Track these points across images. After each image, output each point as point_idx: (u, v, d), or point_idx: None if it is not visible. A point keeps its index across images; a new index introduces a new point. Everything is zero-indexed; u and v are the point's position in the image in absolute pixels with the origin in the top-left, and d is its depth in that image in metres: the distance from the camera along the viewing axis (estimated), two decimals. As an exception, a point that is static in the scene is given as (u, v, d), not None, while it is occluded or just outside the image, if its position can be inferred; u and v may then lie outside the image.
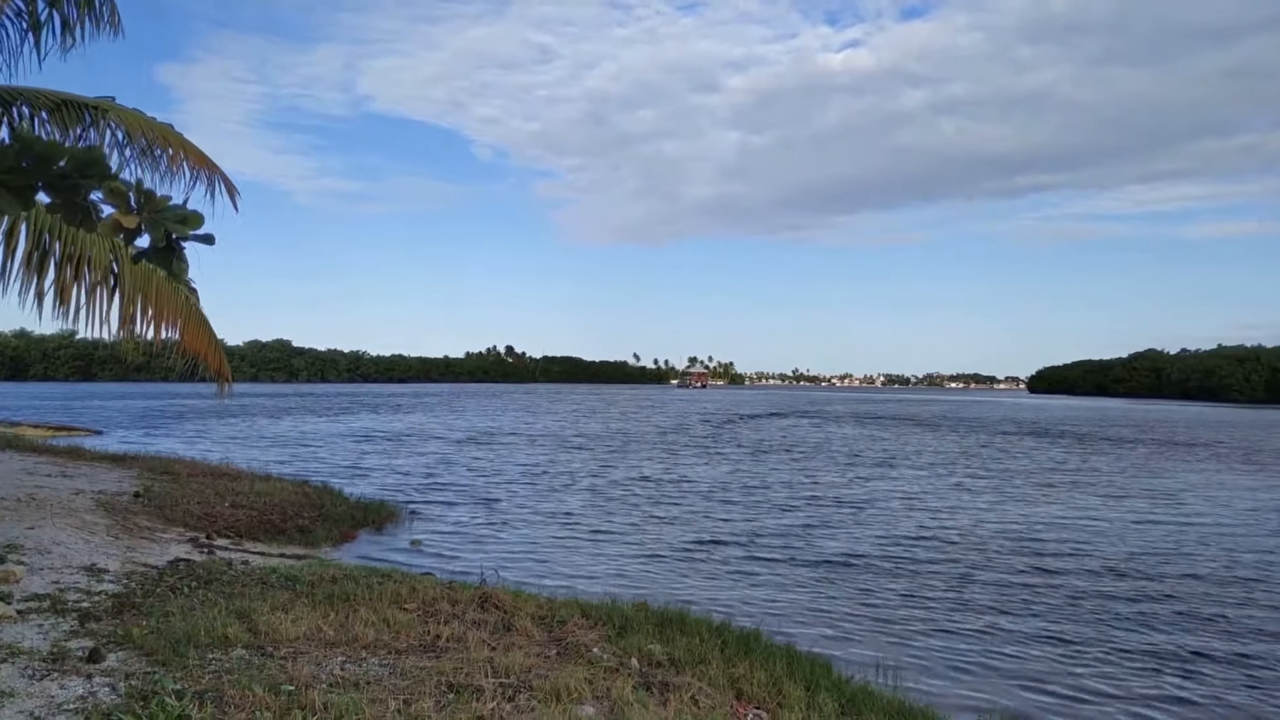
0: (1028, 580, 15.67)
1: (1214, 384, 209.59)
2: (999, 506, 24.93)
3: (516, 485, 27.63)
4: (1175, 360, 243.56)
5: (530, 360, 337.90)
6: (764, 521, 21.44)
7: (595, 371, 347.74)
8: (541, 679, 7.45)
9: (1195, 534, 20.71)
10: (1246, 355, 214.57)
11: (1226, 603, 14.32)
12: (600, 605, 10.86)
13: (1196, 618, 13.38)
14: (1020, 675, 10.67)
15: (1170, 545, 19.21)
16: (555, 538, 18.87)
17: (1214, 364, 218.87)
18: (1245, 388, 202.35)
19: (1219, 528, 21.70)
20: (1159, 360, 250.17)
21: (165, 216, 3.20)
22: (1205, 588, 15.33)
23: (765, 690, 8.22)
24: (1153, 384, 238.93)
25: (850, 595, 14.39)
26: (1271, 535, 20.78)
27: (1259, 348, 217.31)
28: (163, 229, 3.20)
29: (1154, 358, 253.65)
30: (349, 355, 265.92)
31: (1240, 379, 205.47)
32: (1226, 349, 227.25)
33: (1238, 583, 15.76)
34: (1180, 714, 9.57)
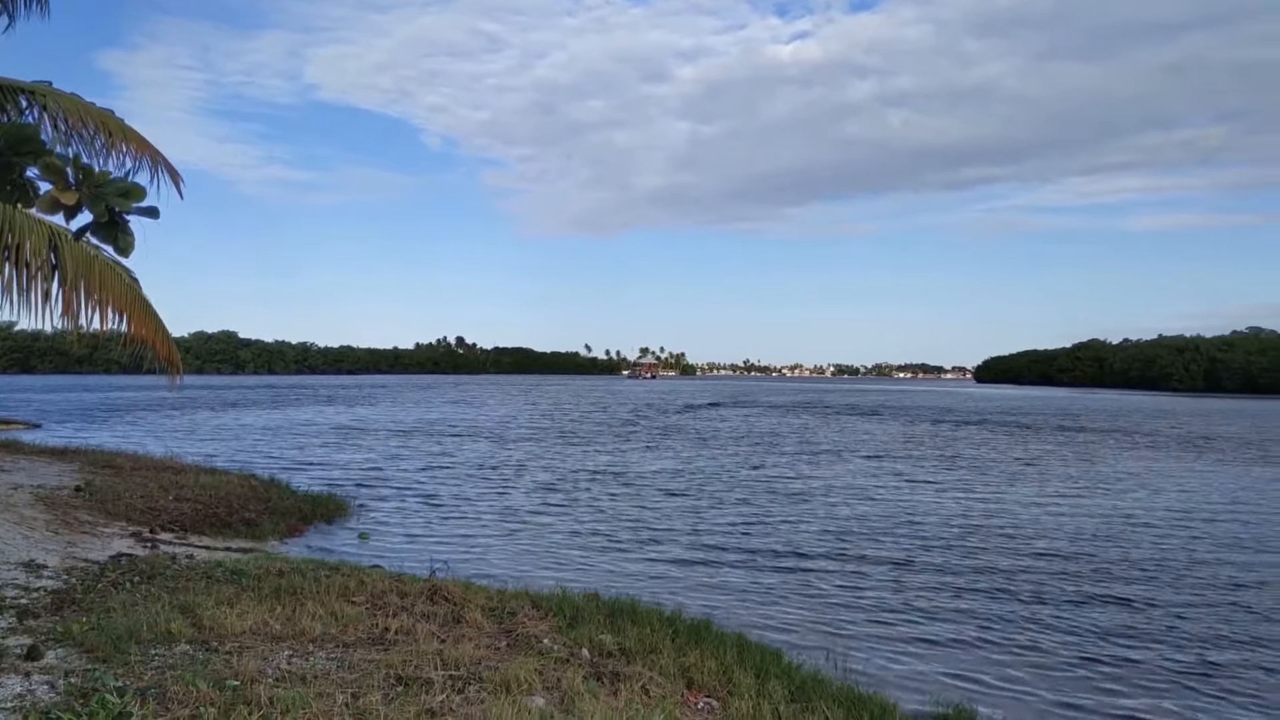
0: (973, 568, 15.87)
1: (1155, 373, 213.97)
2: (943, 495, 25.24)
3: (466, 478, 27.50)
4: (1117, 350, 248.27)
5: (481, 351, 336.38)
6: (711, 512, 21.52)
7: (547, 362, 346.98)
8: (491, 670, 7.42)
9: (1131, 520, 21.10)
10: (1186, 345, 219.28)
11: (1158, 586, 14.61)
12: (551, 596, 10.83)
13: (1130, 602, 13.63)
14: (967, 662, 10.81)
15: (1107, 531, 19.56)
16: (505, 530, 18.79)
17: (1155, 354, 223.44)
18: (1185, 377, 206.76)
19: (1153, 514, 22.14)
20: (1102, 350, 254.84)
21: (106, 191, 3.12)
22: (1139, 572, 15.63)
23: (716, 679, 8.25)
24: (1096, 373, 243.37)
25: (799, 584, 14.49)
26: (1203, 521, 21.23)
27: (1198, 338, 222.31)
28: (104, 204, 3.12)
29: (1097, 348, 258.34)
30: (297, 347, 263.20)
31: (1180, 368, 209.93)
32: (1167, 339, 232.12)
33: (1169, 567, 16.08)
34: (1117, 697, 9.74)
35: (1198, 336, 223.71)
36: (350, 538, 17.39)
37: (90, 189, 3.09)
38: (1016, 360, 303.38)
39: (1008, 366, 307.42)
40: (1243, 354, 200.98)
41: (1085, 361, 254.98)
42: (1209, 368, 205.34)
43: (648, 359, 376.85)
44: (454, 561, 14.34)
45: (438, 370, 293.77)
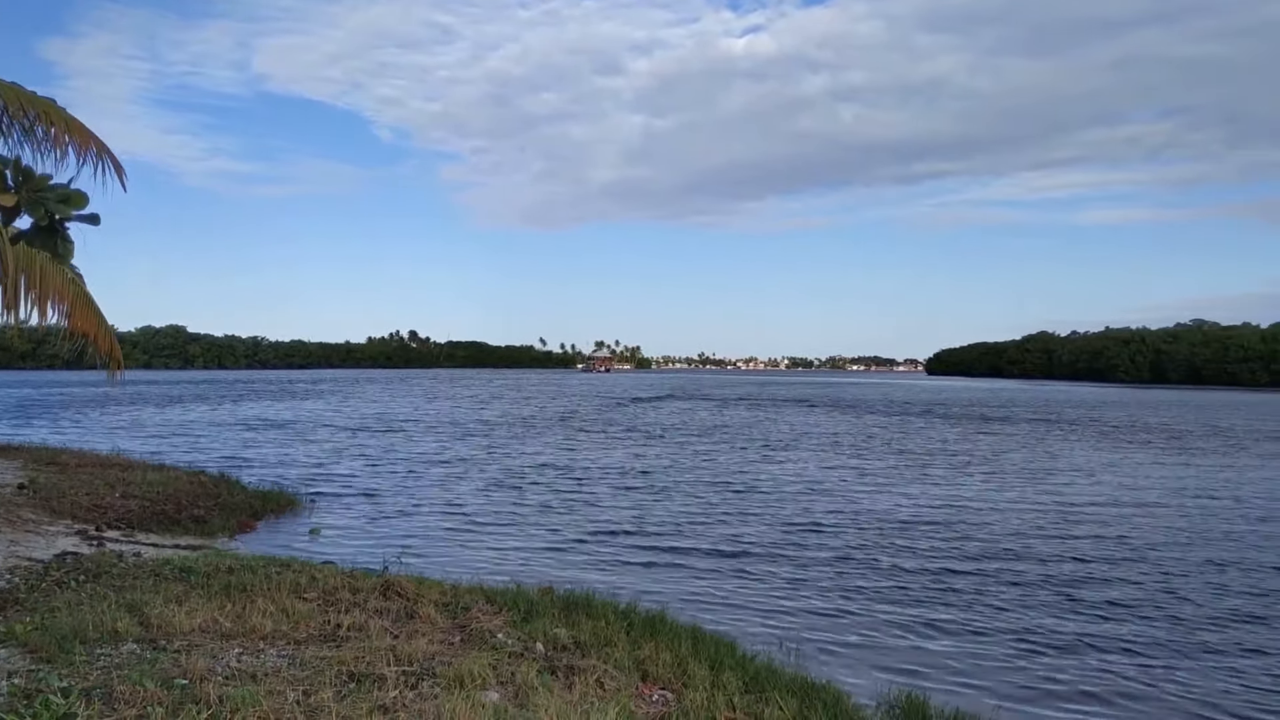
0: (924, 559, 16.05)
1: (1102, 365, 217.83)
2: (893, 487, 25.49)
3: (419, 473, 27.31)
4: (1066, 342, 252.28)
5: (435, 345, 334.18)
6: (662, 506, 21.55)
7: (501, 356, 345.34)
8: (445, 666, 7.38)
9: (1073, 511, 21.45)
10: (1132, 337, 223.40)
11: (1099, 576, 14.87)
12: (505, 591, 10.80)
13: (1073, 593, 13.86)
14: (919, 651, 10.92)
15: (1052, 522, 19.87)
16: (458, 525, 18.70)
17: (1102, 346, 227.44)
18: (1131, 368, 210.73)
19: (1095, 505, 22.54)
20: (1050, 342, 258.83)
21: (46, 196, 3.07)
22: (1081, 563, 15.90)
23: (671, 671, 8.27)
24: (1045, 365, 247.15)
25: (752, 576, 14.56)
26: (1144, 512, 21.64)
27: (1144, 330, 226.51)
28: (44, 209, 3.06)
29: (1046, 340, 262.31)
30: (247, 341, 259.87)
31: (1126, 360, 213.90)
32: (1114, 331, 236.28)
33: (1110, 557, 16.37)
34: (1063, 685, 9.90)
35: (1143, 329, 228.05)
36: (302, 534, 17.21)
37: (30, 193, 3.03)
38: (967, 353, 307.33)
39: (958, 359, 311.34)
40: (1187, 346, 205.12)
41: (1034, 354, 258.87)
42: (1154, 359, 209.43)
43: (603, 353, 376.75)
44: (407, 557, 14.24)
45: (390, 364, 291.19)
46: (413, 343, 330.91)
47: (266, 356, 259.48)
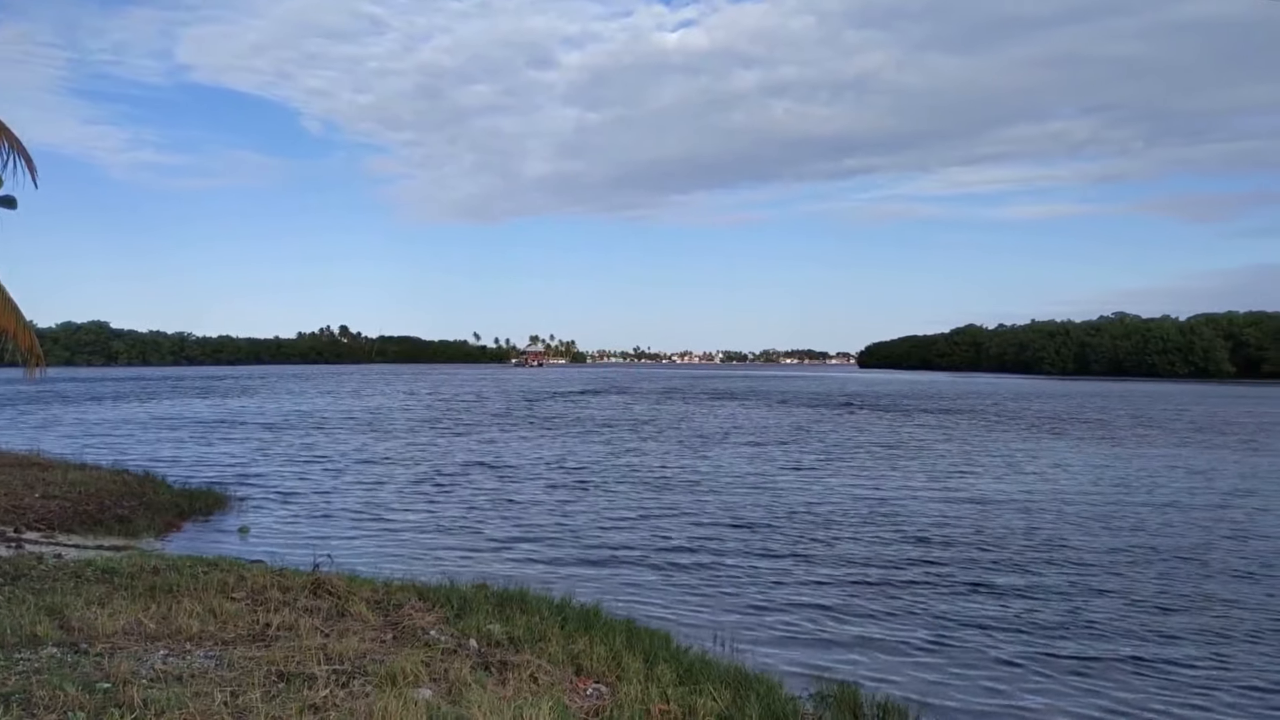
0: (854, 550, 16.27)
1: (1028, 357, 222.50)
2: (826, 480, 25.80)
3: (349, 470, 27.00)
4: (993, 335, 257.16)
5: (366, 340, 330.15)
6: (595, 501, 21.59)
7: (434, 351, 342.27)
8: (377, 663, 7.32)
9: (999, 502, 21.92)
10: (1057, 330, 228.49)
11: (1023, 564, 15.21)
12: (438, 588, 10.74)
13: (997, 579, 14.17)
14: (850, 641, 11.07)
15: (980, 513, 20.28)
16: (390, 523, 18.53)
17: (1028, 339, 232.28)
18: (1056, 361, 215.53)
19: (1019, 495, 23.04)
20: (978, 335, 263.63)
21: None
22: (1005, 549, 16.26)
23: (605, 664, 8.30)
24: (973, 358, 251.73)
25: (686, 569, 14.65)
26: (1064, 499, 22.17)
27: (1068, 323, 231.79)
28: (-51, 197, 2.96)
29: (973, 333, 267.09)
30: (173, 337, 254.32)
31: (1051, 352, 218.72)
32: (1039, 324, 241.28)
33: (1034, 546, 16.76)
34: (987, 667, 10.12)
35: (1068, 322, 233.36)
36: (230, 533, 16.93)
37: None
38: (898, 346, 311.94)
39: (889, 352, 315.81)
40: (1109, 338, 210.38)
41: (963, 346, 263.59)
42: (1078, 352, 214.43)
43: (537, 347, 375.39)
44: (338, 554, 14.08)
45: (321, 360, 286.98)
46: (344, 338, 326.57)
47: (193, 353, 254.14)
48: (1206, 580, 14.06)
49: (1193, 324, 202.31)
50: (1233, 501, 21.88)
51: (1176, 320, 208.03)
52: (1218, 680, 9.74)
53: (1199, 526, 18.51)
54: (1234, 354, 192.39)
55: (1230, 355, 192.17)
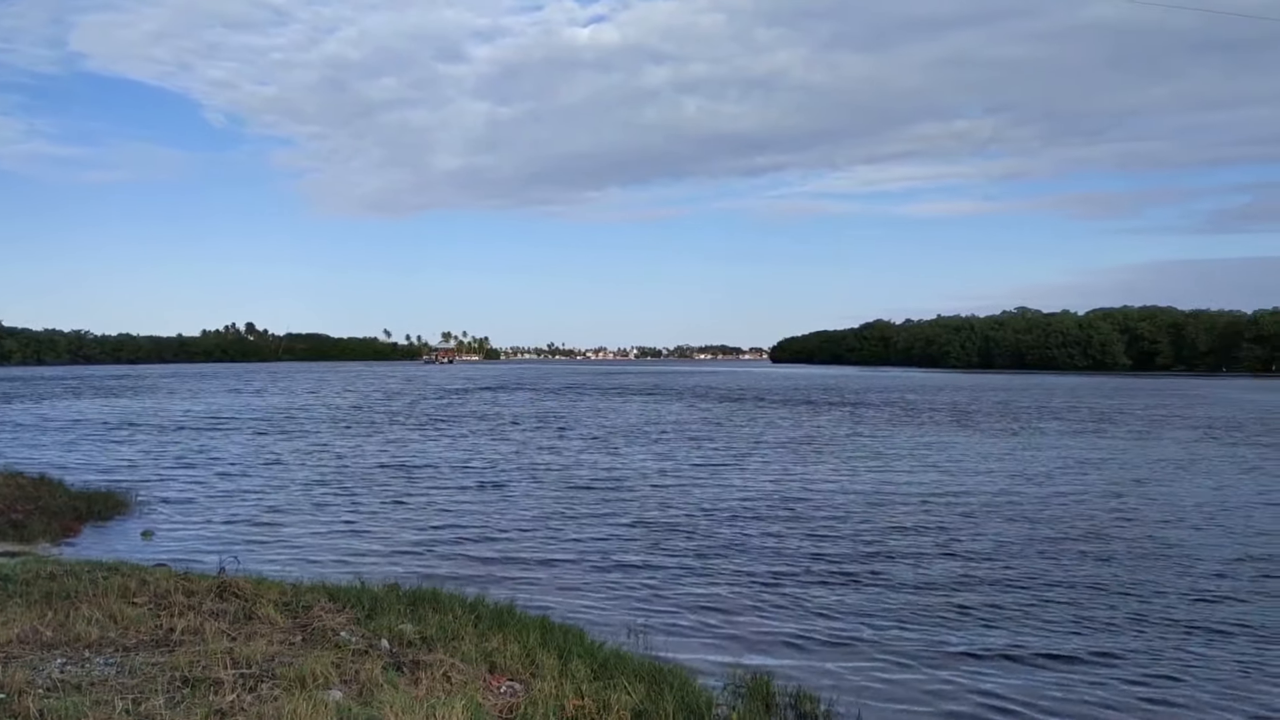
0: (765, 544, 16.47)
1: (934, 351, 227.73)
2: (737, 472, 26.08)
3: (254, 471, 26.42)
4: (901, 330, 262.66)
5: (273, 338, 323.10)
6: (505, 499, 21.49)
7: (343, 349, 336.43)
8: (286, 666, 7.19)
9: (906, 492, 22.41)
10: (962, 325, 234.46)
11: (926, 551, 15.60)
12: (349, 588, 10.59)
13: (904, 567, 14.49)
14: (762, 634, 11.21)
15: (880, 502, 20.72)
16: (298, 524, 18.19)
17: (934, 333, 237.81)
18: (961, 354, 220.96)
19: (925, 485, 23.60)
20: (887, 330, 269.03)
21: None
22: (914, 536, 16.66)
23: (519, 662, 8.27)
24: (881, 352, 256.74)
25: (600, 565, 14.68)
26: (964, 492, 22.76)
27: (973, 318, 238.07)
28: None
29: (882, 328, 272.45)
30: (70, 335, 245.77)
31: (957, 346, 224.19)
32: (945, 319, 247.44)
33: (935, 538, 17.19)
34: (890, 658, 10.35)
35: (972, 316, 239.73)
36: (132, 536, 16.47)
37: None
38: (809, 341, 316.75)
39: (801, 346, 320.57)
40: (1012, 332, 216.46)
41: (872, 341, 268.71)
42: (983, 345, 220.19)
43: (449, 344, 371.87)
44: (245, 557, 13.80)
45: (226, 358, 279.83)
46: (250, 335, 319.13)
47: (91, 351, 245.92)
48: (1096, 566, 14.55)
49: (1090, 318, 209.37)
50: (1123, 489, 22.67)
51: (1075, 315, 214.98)
52: (1105, 663, 10.10)
53: (1088, 514, 19.14)
54: (1129, 347, 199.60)
55: (1126, 349, 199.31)
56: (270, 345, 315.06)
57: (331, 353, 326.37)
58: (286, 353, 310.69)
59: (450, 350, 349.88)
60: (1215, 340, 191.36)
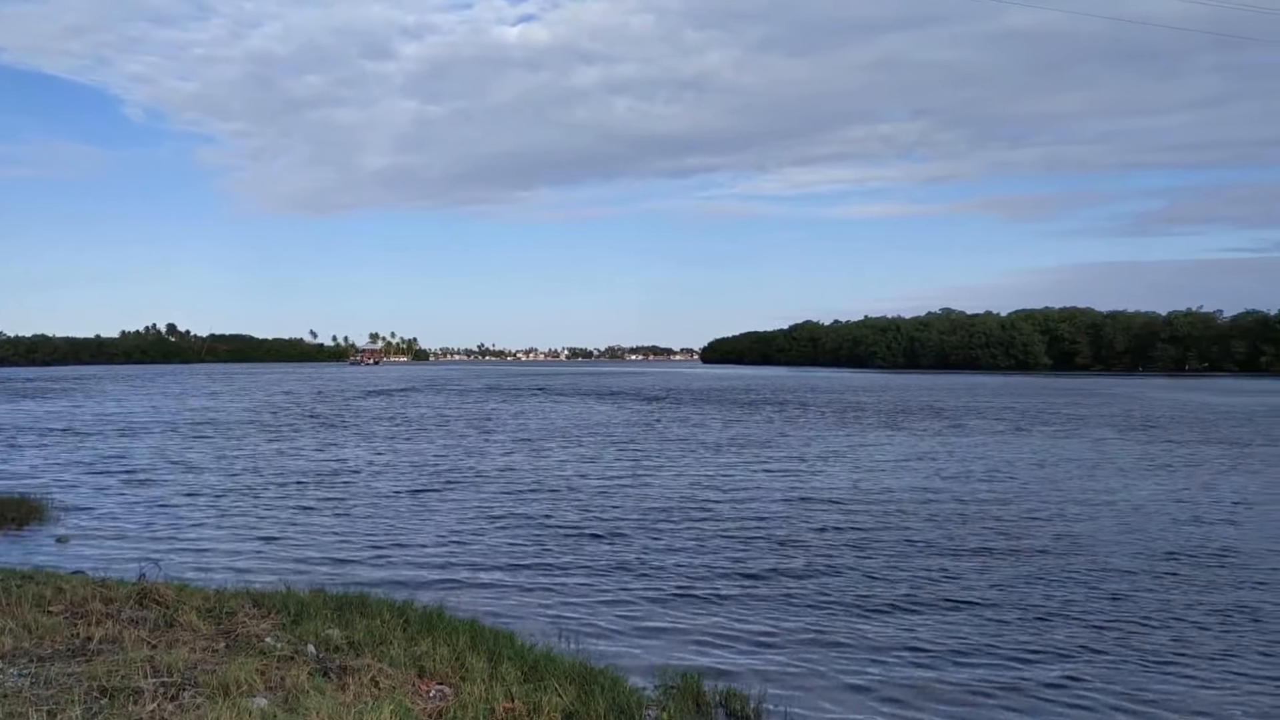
0: (695, 544, 16.55)
1: (862, 351, 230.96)
2: (666, 475, 26.16)
3: (175, 476, 25.82)
4: (829, 331, 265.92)
5: (196, 339, 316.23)
6: (433, 502, 21.28)
7: (269, 350, 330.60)
8: (209, 674, 7.05)
9: (831, 488, 22.71)
10: (888, 325, 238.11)
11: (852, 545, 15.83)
12: (274, 594, 10.42)
13: (829, 562, 14.69)
14: (691, 633, 11.27)
15: (805, 499, 20.97)
16: (221, 529, 17.83)
17: (862, 334, 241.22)
18: (888, 355, 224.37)
19: (842, 482, 23.93)
20: (815, 331, 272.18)
21: None
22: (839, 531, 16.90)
23: (449, 665, 8.22)
24: (811, 352, 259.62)
25: (530, 567, 14.63)
26: (885, 490, 23.14)
27: (899, 319, 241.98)
28: None
29: (811, 329, 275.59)
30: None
31: (883, 347, 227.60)
32: (872, 320, 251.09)
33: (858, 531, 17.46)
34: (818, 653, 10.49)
35: (899, 318, 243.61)
36: (47, 543, 16.02)
37: None
38: (739, 341, 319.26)
39: (731, 347, 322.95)
40: (936, 333, 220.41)
41: (801, 341, 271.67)
42: (908, 346, 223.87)
43: (377, 345, 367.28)
44: (167, 562, 13.50)
45: (147, 360, 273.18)
46: (172, 336, 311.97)
47: (3, 353, 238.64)
48: (1009, 561, 14.89)
49: (1013, 319, 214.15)
50: (1032, 486, 23.23)
51: (998, 316, 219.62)
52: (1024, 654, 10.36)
53: (1001, 511, 19.58)
54: (1050, 347, 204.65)
55: (1047, 349, 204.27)
56: (193, 346, 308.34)
57: (256, 354, 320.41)
58: (209, 354, 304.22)
59: (376, 351, 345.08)
60: (1132, 340, 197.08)
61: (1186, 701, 9.02)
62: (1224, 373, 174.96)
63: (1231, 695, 9.18)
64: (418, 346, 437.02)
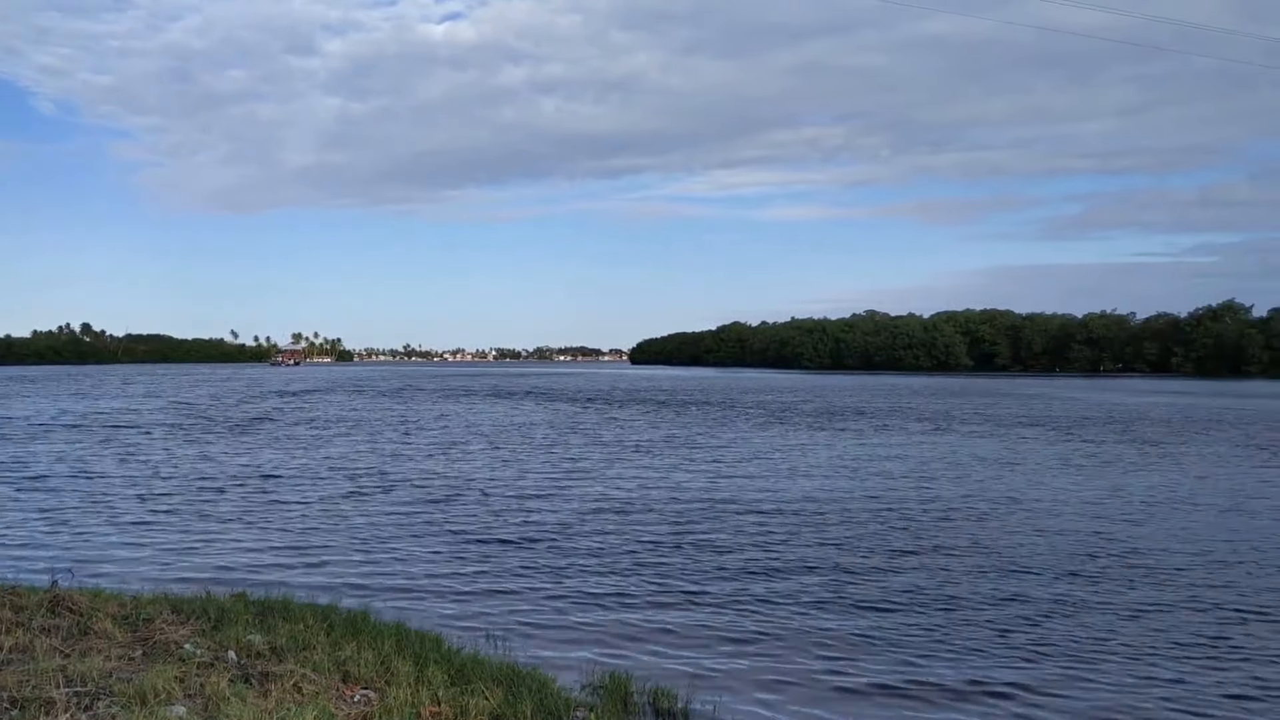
0: (618, 542, 16.58)
1: (789, 353, 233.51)
2: (590, 476, 26.17)
3: (86, 480, 25.06)
4: (756, 332, 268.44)
5: (112, 339, 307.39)
6: (354, 505, 20.93)
7: (188, 350, 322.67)
8: (124, 683, 6.88)
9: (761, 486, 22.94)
10: (815, 327, 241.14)
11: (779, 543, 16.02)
12: (193, 599, 10.19)
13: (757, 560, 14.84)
14: (620, 635, 11.29)
15: (732, 497, 21.15)
16: (137, 534, 17.34)
17: (788, 335, 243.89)
18: (814, 356, 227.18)
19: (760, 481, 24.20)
20: (743, 332, 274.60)
21: None
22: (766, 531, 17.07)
23: (374, 670, 8.13)
24: (738, 353, 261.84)
25: (455, 569, 14.52)
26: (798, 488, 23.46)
27: (825, 320, 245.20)
28: None
29: (739, 330, 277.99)
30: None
31: (809, 348, 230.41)
32: (799, 321, 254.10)
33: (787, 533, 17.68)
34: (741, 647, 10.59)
35: (824, 319, 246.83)
36: (-48, 550, 15.47)
37: None
38: (668, 342, 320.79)
39: (660, 348, 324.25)
40: (861, 335, 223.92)
41: (729, 342, 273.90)
42: (834, 347, 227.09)
43: (300, 345, 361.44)
44: (80, 569, 13.11)
45: (60, 361, 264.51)
46: (86, 336, 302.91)
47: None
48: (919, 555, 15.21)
49: (935, 321, 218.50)
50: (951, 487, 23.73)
51: (921, 318, 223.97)
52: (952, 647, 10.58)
53: (923, 509, 19.98)
54: (971, 349, 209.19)
55: (968, 350, 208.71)
56: (109, 347, 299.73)
57: (175, 355, 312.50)
58: (126, 354, 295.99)
59: (298, 352, 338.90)
60: (1049, 342, 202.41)
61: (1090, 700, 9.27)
62: (1137, 373, 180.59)
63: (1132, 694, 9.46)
64: (342, 347, 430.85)
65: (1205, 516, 19.43)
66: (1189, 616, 11.91)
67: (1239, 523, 18.75)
